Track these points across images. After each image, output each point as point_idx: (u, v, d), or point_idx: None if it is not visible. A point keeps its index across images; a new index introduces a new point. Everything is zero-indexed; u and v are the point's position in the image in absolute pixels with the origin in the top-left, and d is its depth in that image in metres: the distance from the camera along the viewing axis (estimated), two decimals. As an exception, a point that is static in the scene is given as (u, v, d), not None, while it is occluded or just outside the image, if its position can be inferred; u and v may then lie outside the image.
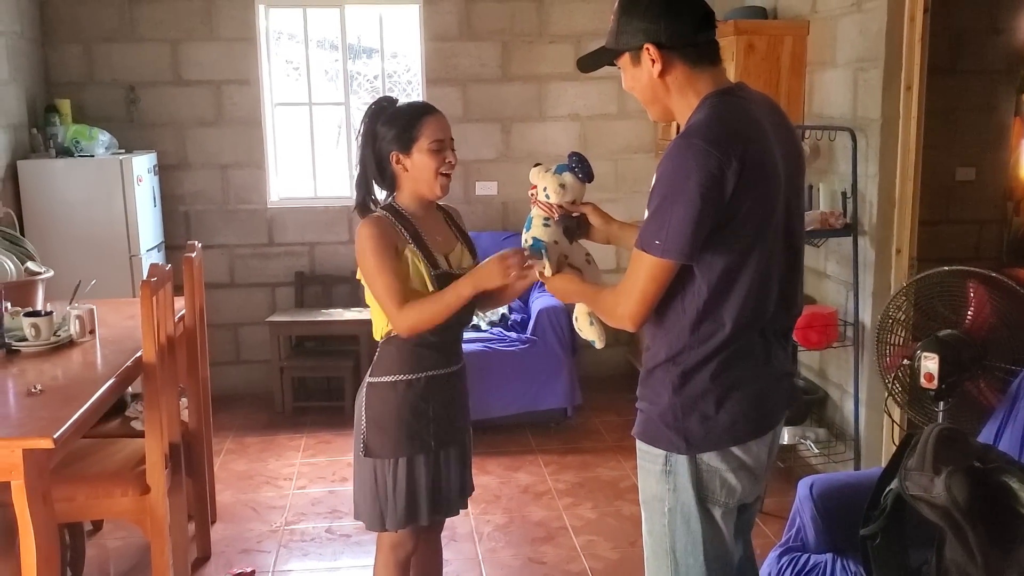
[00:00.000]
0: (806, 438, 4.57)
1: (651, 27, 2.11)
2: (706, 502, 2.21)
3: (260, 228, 6.20)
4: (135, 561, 4.01)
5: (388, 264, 2.63)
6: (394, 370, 2.74)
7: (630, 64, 2.18)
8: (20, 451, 2.60)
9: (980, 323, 3.16)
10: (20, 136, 5.42)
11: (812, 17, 4.80)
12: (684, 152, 2.02)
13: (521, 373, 5.32)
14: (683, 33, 2.11)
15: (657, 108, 2.24)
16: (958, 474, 2.11)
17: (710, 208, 2.00)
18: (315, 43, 6.32)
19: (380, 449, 2.75)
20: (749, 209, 2.05)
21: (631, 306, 2.13)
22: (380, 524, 2.79)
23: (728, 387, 2.15)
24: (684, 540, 2.24)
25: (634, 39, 2.13)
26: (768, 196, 2.10)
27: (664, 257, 2.05)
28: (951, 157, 5.54)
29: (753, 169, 2.03)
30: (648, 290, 2.10)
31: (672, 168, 2.04)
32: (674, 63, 2.12)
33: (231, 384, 6.15)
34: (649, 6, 2.12)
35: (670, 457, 2.20)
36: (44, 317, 3.52)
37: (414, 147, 2.67)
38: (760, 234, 2.10)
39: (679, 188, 2.01)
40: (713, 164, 1.99)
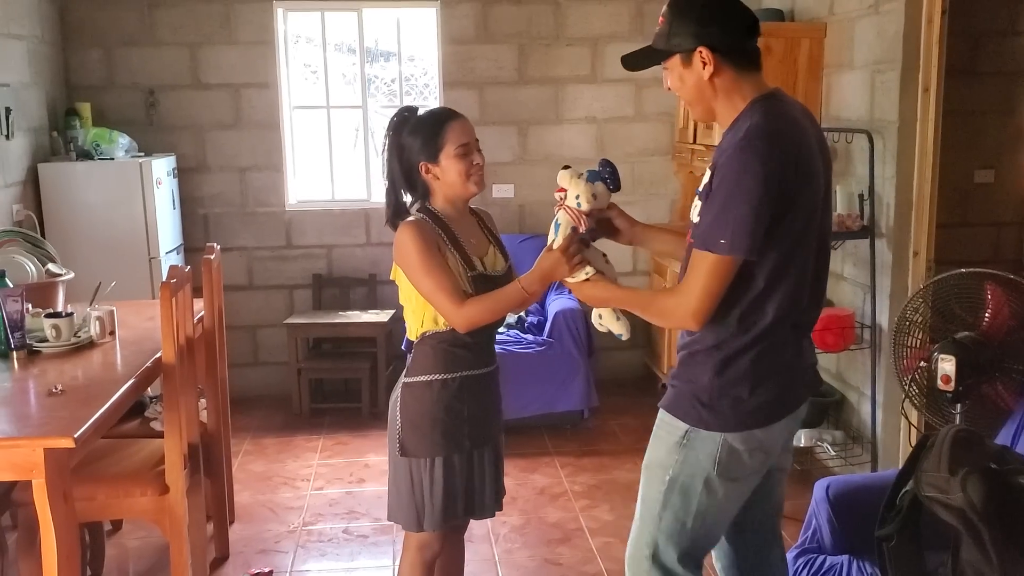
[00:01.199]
0: (823, 440, 4.56)
1: (705, 31, 2.21)
2: (720, 477, 2.33)
3: (278, 230, 6.23)
4: (154, 561, 4.04)
5: (436, 262, 2.64)
6: (430, 370, 2.75)
7: (680, 65, 2.27)
8: (41, 450, 2.62)
9: (998, 325, 3.15)
10: (41, 139, 5.47)
11: (829, 19, 4.79)
12: (747, 154, 2.12)
13: (538, 375, 5.33)
14: (734, 38, 2.24)
15: (701, 108, 2.34)
16: (974, 475, 2.10)
17: (770, 207, 2.12)
18: (333, 46, 6.34)
19: (416, 448, 2.76)
20: (799, 208, 2.18)
21: (694, 304, 2.19)
22: (417, 524, 2.79)
23: (763, 375, 2.28)
24: (675, 509, 2.37)
25: (687, 41, 2.23)
26: (813, 196, 2.23)
27: (731, 254, 2.14)
28: (969, 159, 5.51)
29: (804, 170, 2.18)
30: (713, 288, 2.18)
31: (736, 169, 2.13)
32: (723, 67, 2.23)
33: (249, 385, 6.18)
34: (703, 10, 2.24)
35: (691, 432, 2.32)
36: (65, 318, 3.55)
37: (441, 155, 2.69)
38: (806, 232, 2.23)
39: (743, 188, 2.11)
40: (774, 164, 2.11)
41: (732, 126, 2.25)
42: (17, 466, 2.65)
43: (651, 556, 2.42)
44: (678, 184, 6.32)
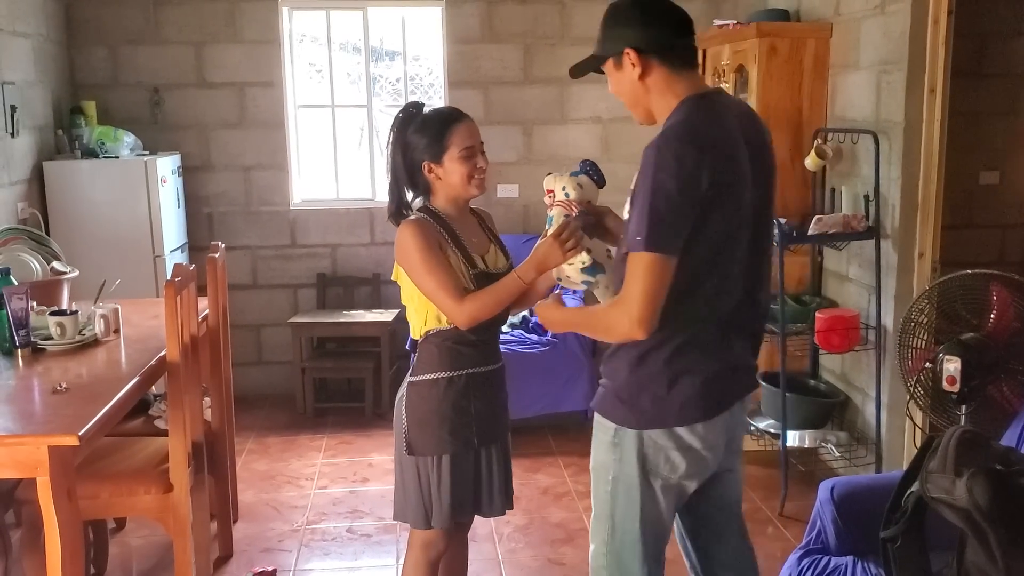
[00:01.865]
0: (827, 442, 4.55)
1: (631, 33, 2.27)
2: (648, 475, 2.34)
3: (283, 229, 6.23)
4: (157, 559, 4.04)
5: (437, 260, 2.65)
6: (436, 368, 2.76)
7: (614, 68, 2.33)
8: (46, 448, 2.62)
9: (1003, 327, 3.15)
10: (46, 137, 5.48)
11: (835, 19, 4.79)
12: (663, 151, 2.12)
13: (542, 375, 5.32)
14: (661, 38, 2.27)
15: (640, 110, 2.36)
16: (980, 476, 2.10)
17: (688, 205, 2.11)
18: (338, 46, 6.34)
19: (423, 447, 2.76)
20: (718, 212, 2.16)
21: (636, 310, 2.15)
22: (426, 522, 2.79)
23: (679, 372, 2.27)
24: (623, 508, 2.39)
25: (616, 45, 2.29)
26: (736, 200, 2.21)
27: (651, 250, 2.11)
28: (975, 161, 5.50)
29: (724, 172, 2.16)
30: (651, 289, 2.13)
31: (652, 167, 2.13)
32: (653, 67, 2.27)
33: (253, 384, 6.18)
34: (629, 14, 2.30)
35: (619, 430, 2.34)
36: (69, 316, 3.56)
37: (445, 156, 2.70)
38: (727, 238, 2.22)
39: (659, 184, 2.10)
40: (689, 163, 2.10)
41: (663, 126, 2.26)
42: (21, 464, 2.65)
43: (607, 553, 2.45)
44: (683, 184, 6.30)
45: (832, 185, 4.80)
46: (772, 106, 4.84)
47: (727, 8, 6.11)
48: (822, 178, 4.93)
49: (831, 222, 4.35)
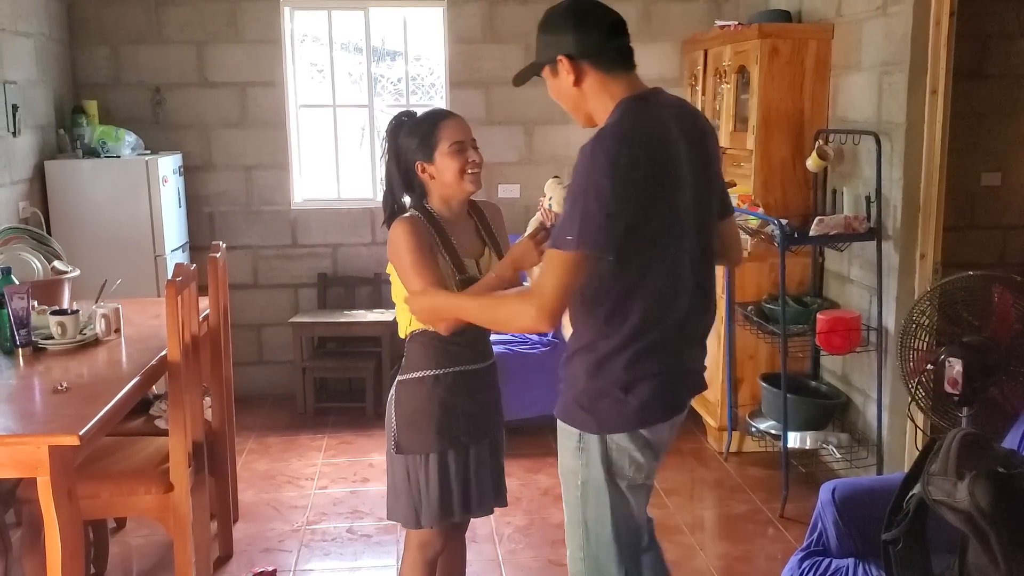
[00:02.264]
0: (828, 443, 4.55)
1: (563, 40, 2.30)
2: (615, 477, 2.37)
3: (283, 229, 6.23)
4: (157, 559, 4.04)
5: (426, 260, 2.64)
6: (422, 366, 2.76)
7: (550, 75, 2.37)
8: (46, 447, 2.63)
9: (1005, 328, 3.14)
10: (47, 137, 5.48)
11: (837, 20, 4.78)
12: (596, 152, 2.15)
13: (542, 375, 5.31)
14: (593, 43, 2.29)
15: (580, 115, 2.39)
16: (982, 479, 2.09)
17: (621, 204, 2.13)
18: (339, 45, 6.34)
19: (411, 445, 2.76)
20: (656, 209, 2.20)
21: (547, 303, 2.17)
22: (415, 522, 2.80)
23: (638, 377, 2.29)
24: (595, 511, 2.41)
25: (549, 52, 2.33)
26: (674, 198, 2.25)
27: (578, 250, 2.13)
28: (976, 162, 5.50)
29: (659, 171, 2.20)
30: (565, 285, 2.16)
31: (585, 167, 2.15)
32: (586, 71, 2.30)
33: (254, 384, 6.18)
34: (559, 21, 2.33)
35: (583, 436, 2.36)
36: (70, 316, 3.56)
37: (435, 152, 2.71)
38: (669, 235, 2.26)
39: (592, 185, 2.13)
40: (623, 162, 2.13)
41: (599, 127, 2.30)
42: (22, 463, 2.66)
43: (584, 559, 2.48)
44: (684, 185, 6.30)
45: (833, 186, 4.80)
46: (773, 107, 4.84)
47: (729, 9, 6.11)
48: (823, 179, 4.92)
49: (832, 223, 4.34)
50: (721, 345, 5.02)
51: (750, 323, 4.80)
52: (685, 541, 4.16)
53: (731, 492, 4.69)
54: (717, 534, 4.32)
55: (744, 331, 4.91)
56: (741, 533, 4.26)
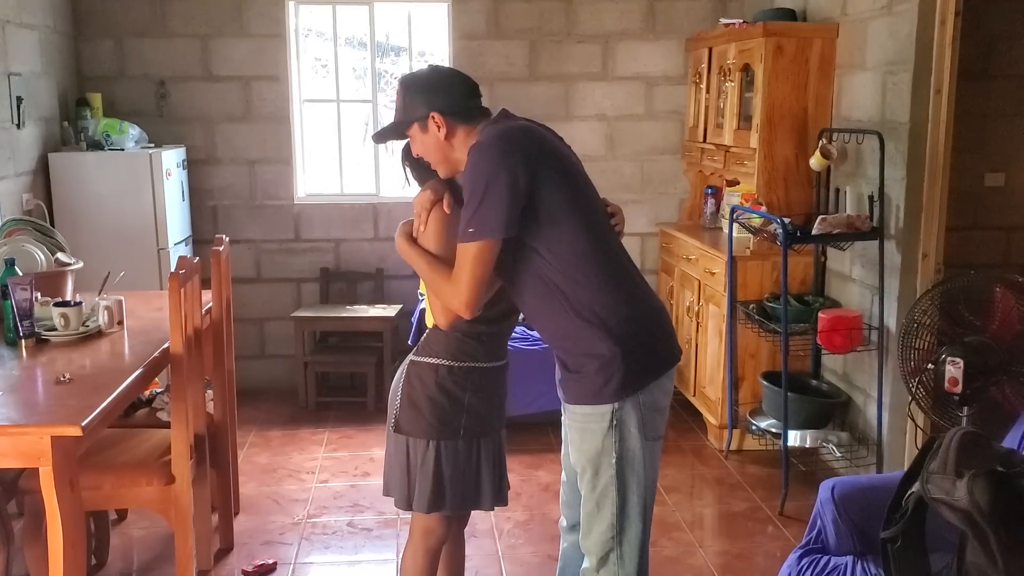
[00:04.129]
0: (828, 441, 4.55)
1: (433, 98, 2.55)
2: (648, 438, 2.52)
3: (287, 224, 6.23)
4: (158, 550, 4.05)
5: None
6: (439, 354, 2.78)
7: (419, 132, 2.58)
8: (48, 438, 2.64)
9: (1006, 329, 3.15)
10: (51, 129, 5.48)
11: (842, 19, 4.78)
12: (481, 152, 2.40)
13: (543, 372, 5.28)
14: (457, 100, 2.57)
15: (447, 166, 2.61)
16: (981, 478, 2.10)
17: (514, 188, 2.36)
18: (344, 41, 6.34)
19: (409, 427, 2.79)
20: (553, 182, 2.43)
21: (464, 294, 2.42)
22: (407, 503, 2.82)
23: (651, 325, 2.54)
24: (632, 481, 2.53)
25: (419, 110, 2.55)
26: (568, 166, 2.53)
27: (480, 239, 2.36)
28: (980, 162, 5.50)
29: (545, 154, 2.47)
30: (476, 274, 2.40)
31: (473, 168, 2.40)
32: (455, 126, 2.55)
33: (256, 378, 6.19)
34: (427, 83, 2.61)
35: (618, 408, 2.48)
36: (73, 307, 3.57)
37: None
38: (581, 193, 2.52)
39: (482, 181, 2.36)
40: (507, 154, 2.38)
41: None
42: (24, 454, 2.67)
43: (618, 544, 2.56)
44: (687, 183, 6.31)
45: (836, 185, 4.80)
46: (777, 105, 4.84)
47: (734, 7, 6.11)
48: (827, 178, 4.92)
49: (835, 222, 4.34)
50: (722, 343, 5.02)
51: (751, 321, 4.80)
52: (684, 538, 4.16)
53: (731, 490, 4.69)
54: (716, 531, 4.33)
55: (745, 329, 4.91)
56: (740, 531, 4.26)
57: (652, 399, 2.51)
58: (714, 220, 5.95)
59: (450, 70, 2.71)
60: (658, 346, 2.56)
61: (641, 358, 2.48)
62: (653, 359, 2.53)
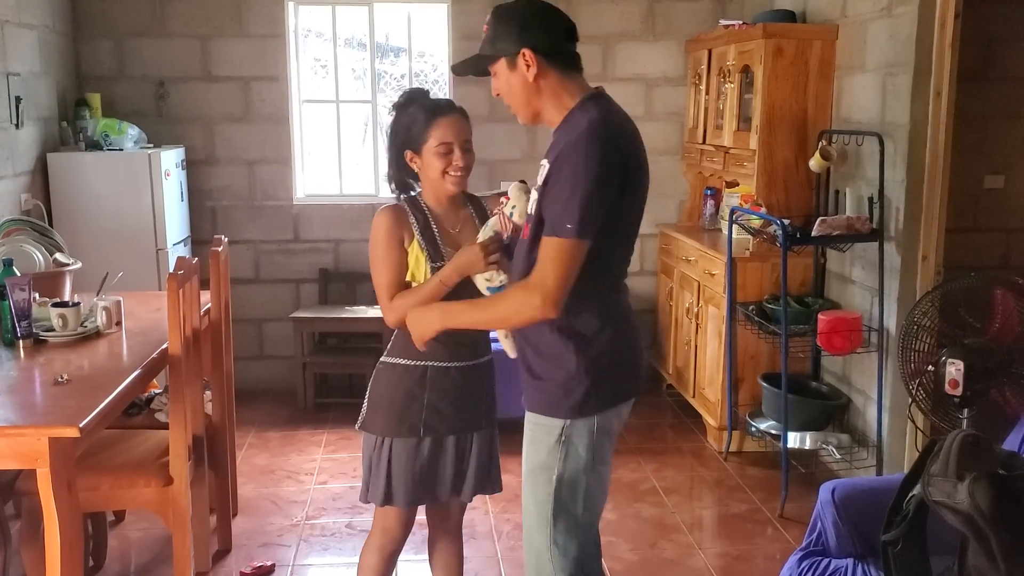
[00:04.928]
0: (828, 443, 4.55)
1: (527, 34, 2.33)
2: (597, 464, 2.45)
3: (286, 224, 6.23)
4: (156, 552, 4.04)
5: (392, 257, 2.76)
6: (400, 354, 2.81)
7: (506, 68, 2.38)
8: (46, 439, 2.63)
9: (1006, 331, 3.14)
10: (50, 129, 5.48)
11: (842, 21, 4.78)
12: (592, 144, 2.22)
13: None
14: (555, 41, 2.36)
15: (528, 111, 2.44)
16: (982, 481, 2.09)
17: (610, 193, 2.24)
18: (343, 41, 6.34)
19: (372, 425, 2.84)
20: (629, 199, 2.32)
21: (552, 291, 2.24)
22: (364, 494, 2.87)
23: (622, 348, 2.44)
24: (566, 504, 2.44)
25: (511, 45, 2.34)
26: (641, 189, 2.39)
27: (578, 238, 2.22)
28: (979, 164, 5.50)
29: (635, 164, 2.33)
30: (566, 271, 2.24)
31: (583, 157, 2.21)
32: (547, 68, 2.35)
33: (254, 379, 6.18)
34: (525, 16, 2.36)
35: (569, 425, 2.40)
36: (71, 308, 3.56)
37: (424, 148, 2.73)
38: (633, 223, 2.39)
39: (590, 175, 2.20)
40: (616, 155, 2.24)
41: (564, 124, 2.35)
42: (22, 455, 2.66)
43: (552, 559, 2.47)
44: (687, 184, 6.31)
45: (836, 187, 4.80)
46: (777, 107, 4.84)
47: (733, 8, 6.10)
48: (826, 180, 4.92)
49: (835, 224, 4.34)
50: (722, 344, 5.02)
51: (751, 323, 4.80)
52: (684, 540, 4.16)
53: (730, 492, 4.69)
54: (716, 533, 4.32)
55: (745, 331, 4.91)
56: (740, 533, 4.26)
57: (607, 423, 2.45)
58: (713, 221, 5.95)
59: (549, 4, 2.42)
60: (628, 375, 2.49)
61: (608, 382, 2.41)
62: (620, 386, 2.46)
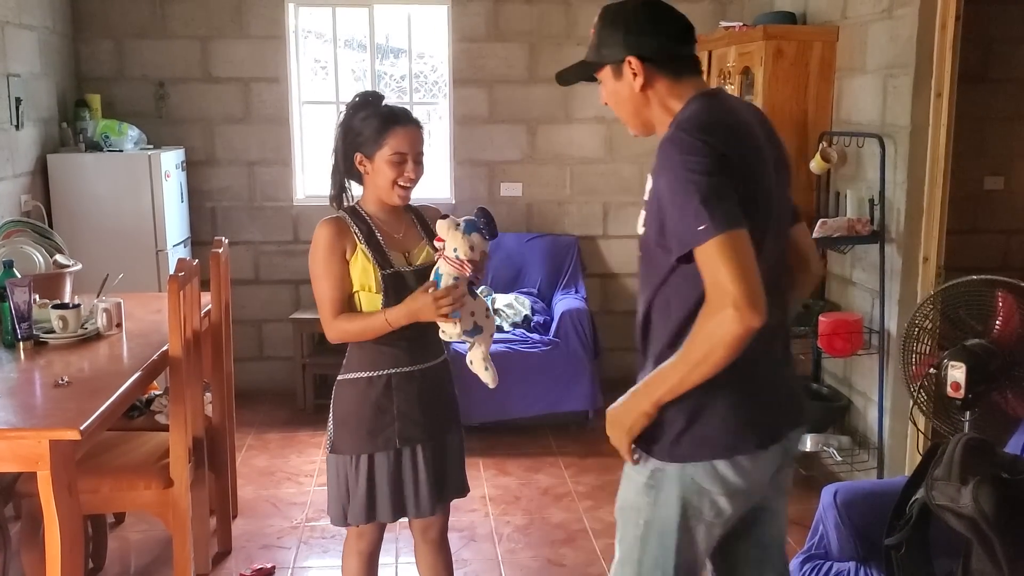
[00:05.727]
0: (829, 446, 4.54)
1: (633, 40, 2.09)
2: (689, 519, 2.10)
3: (286, 225, 6.22)
4: (156, 554, 4.04)
5: (332, 271, 2.71)
6: (357, 367, 2.78)
7: (611, 77, 2.16)
8: (47, 442, 2.62)
9: (1008, 333, 3.13)
10: (50, 130, 5.47)
11: (842, 23, 4.77)
12: (682, 141, 1.95)
13: (543, 375, 5.32)
14: (664, 46, 2.10)
15: (638, 122, 2.20)
16: (985, 484, 2.09)
17: (727, 180, 1.91)
18: (343, 42, 6.34)
19: (343, 446, 2.79)
20: (747, 197, 1.95)
21: (738, 294, 1.82)
22: (342, 519, 2.82)
23: (727, 393, 2.01)
24: (655, 554, 2.14)
25: (615, 52, 2.11)
26: (760, 185, 2.02)
27: (721, 231, 1.85)
28: (980, 166, 5.50)
29: (745, 156, 1.99)
30: (740, 266, 1.84)
31: (675, 159, 1.94)
32: (656, 76, 2.10)
33: (254, 380, 6.17)
34: (631, 19, 2.12)
35: (657, 471, 2.10)
36: (72, 310, 3.55)
37: (377, 154, 2.71)
38: (758, 227, 1.96)
39: (691, 171, 1.90)
40: (715, 143, 1.93)
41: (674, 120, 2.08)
42: (22, 457, 2.66)
43: None
44: (687, 186, 6.30)
45: (837, 188, 4.80)
46: (777, 109, 4.83)
47: (733, 10, 6.10)
48: (827, 181, 4.91)
49: (835, 225, 4.34)
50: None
51: (752, 325, 4.78)
52: (684, 542, 4.15)
53: (731, 494, 4.68)
54: (716, 536, 4.31)
55: (746, 333, 4.89)
56: (741, 535, 4.25)
57: (711, 478, 2.05)
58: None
59: (661, 3, 2.15)
60: (746, 423, 2.05)
61: (710, 427, 2.02)
62: (730, 435, 2.04)
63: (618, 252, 6.39)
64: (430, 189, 6.17)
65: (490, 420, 5.25)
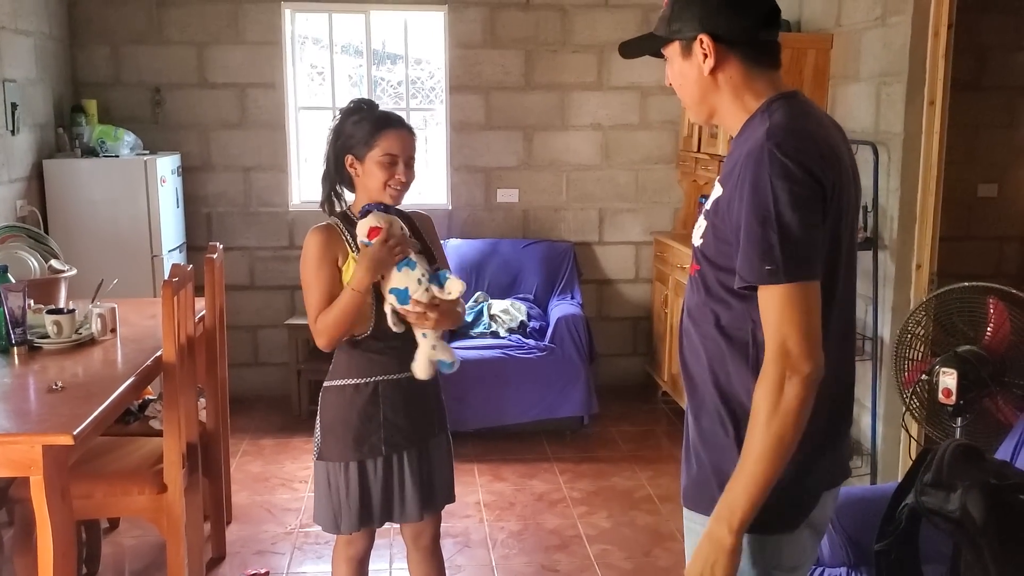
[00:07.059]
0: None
1: (709, 16, 1.83)
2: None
3: (281, 231, 6.23)
4: (150, 559, 4.03)
5: (323, 278, 2.72)
6: (344, 375, 2.79)
7: (679, 55, 1.89)
8: (40, 447, 2.62)
9: (999, 340, 3.15)
10: (46, 135, 5.48)
11: (836, 30, 4.79)
12: (777, 157, 1.71)
13: (538, 381, 5.32)
14: (744, 27, 1.84)
15: (703, 109, 1.93)
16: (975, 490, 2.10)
17: (819, 217, 1.72)
18: (340, 48, 6.35)
19: (331, 453, 2.79)
20: (835, 225, 1.79)
21: (796, 353, 1.68)
22: (335, 527, 2.82)
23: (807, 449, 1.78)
24: None
25: (688, 28, 1.85)
26: (846, 212, 1.84)
27: (791, 280, 1.69)
28: (973, 173, 5.52)
29: (838, 180, 1.78)
30: (803, 319, 1.69)
31: (766, 177, 1.71)
32: (729, 60, 1.85)
33: (249, 386, 6.17)
34: None
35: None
36: (66, 315, 3.55)
37: (367, 155, 2.72)
38: (837, 260, 1.82)
39: (781, 197, 1.69)
40: (813, 167, 1.72)
41: (743, 131, 1.85)
42: (15, 462, 2.65)
43: None
44: (681, 193, 6.32)
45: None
46: (772, 116, 4.84)
47: (729, 17, 6.11)
48: (821, 188, 4.92)
49: (829, 232, 4.35)
50: (717, 353, 5.01)
51: (746, 331, 4.79)
52: (679, 548, 4.16)
53: (725, 500, 4.68)
54: (710, 542, 4.31)
55: (740, 339, 4.90)
56: (734, 541, 4.25)
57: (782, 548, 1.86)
58: (708, 230, 5.94)
59: None
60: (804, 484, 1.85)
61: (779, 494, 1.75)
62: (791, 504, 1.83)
63: (614, 258, 6.40)
64: (427, 195, 6.18)
65: (485, 426, 5.26)
